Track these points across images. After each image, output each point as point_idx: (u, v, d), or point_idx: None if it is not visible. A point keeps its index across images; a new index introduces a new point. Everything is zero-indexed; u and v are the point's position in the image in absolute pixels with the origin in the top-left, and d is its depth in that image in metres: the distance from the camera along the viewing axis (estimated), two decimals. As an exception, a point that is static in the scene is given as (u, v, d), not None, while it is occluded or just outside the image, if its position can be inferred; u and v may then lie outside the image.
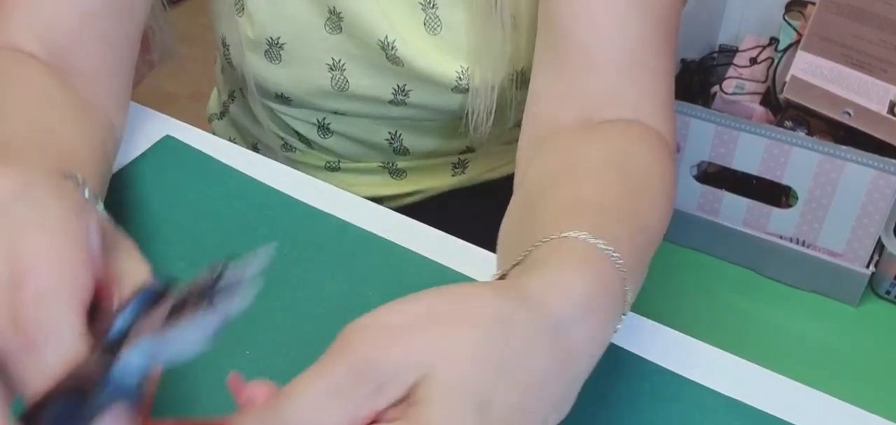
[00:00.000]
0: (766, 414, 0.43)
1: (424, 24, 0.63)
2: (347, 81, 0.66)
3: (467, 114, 0.65)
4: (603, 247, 0.36)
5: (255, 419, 0.26)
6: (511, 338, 0.29)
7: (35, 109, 0.47)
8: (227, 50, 0.68)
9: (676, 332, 0.48)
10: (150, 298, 0.29)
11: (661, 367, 0.45)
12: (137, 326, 0.28)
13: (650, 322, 0.48)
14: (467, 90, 0.63)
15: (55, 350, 0.28)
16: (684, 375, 0.45)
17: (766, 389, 0.44)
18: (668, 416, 0.43)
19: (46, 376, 0.27)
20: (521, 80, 0.64)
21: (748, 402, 0.44)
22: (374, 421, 0.27)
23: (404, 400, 0.27)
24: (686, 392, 0.44)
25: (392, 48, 0.63)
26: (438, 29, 0.63)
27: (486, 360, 0.28)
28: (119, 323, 0.29)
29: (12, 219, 0.30)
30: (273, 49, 0.65)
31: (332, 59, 0.65)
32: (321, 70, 0.66)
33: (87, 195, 0.38)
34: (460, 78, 0.63)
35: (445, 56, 0.63)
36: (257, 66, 0.67)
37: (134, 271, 0.33)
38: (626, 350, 0.46)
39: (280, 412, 0.26)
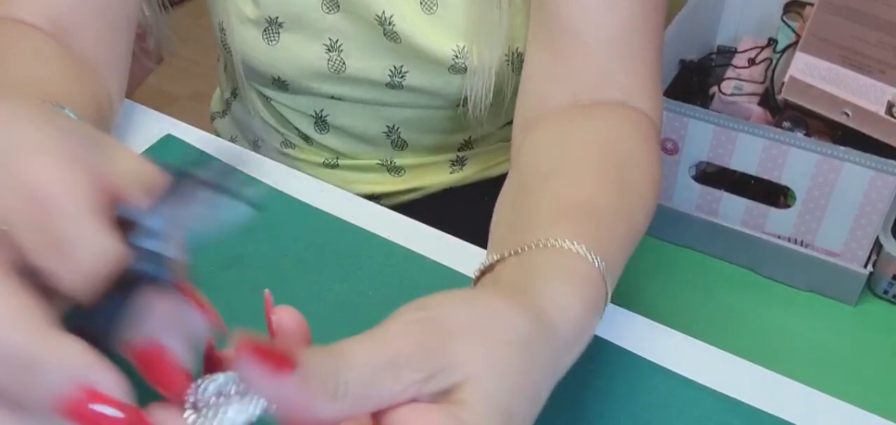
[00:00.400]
0: (764, 412, 0.43)
1: (421, 3, 0.63)
2: (344, 63, 0.66)
3: (465, 98, 0.65)
4: (599, 265, 0.38)
5: (314, 369, 0.27)
6: (533, 359, 0.32)
7: (31, 65, 0.49)
8: (224, 35, 0.68)
9: (674, 332, 0.48)
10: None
11: (659, 367, 0.46)
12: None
13: (648, 321, 0.48)
14: (464, 70, 0.64)
15: (87, 249, 0.28)
16: (682, 374, 0.45)
17: (764, 388, 0.44)
18: (666, 415, 0.43)
19: (84, 276, 0.28)
20: (517, 61, 0.64)
21: (746, 401, 0.44)
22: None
23: (441, 391, 0.30)
24: (684, 391, 0.44)
25: (389, 23, 0.63)
26: (434, 8, 0.63)
27: (516, 378, 0.31)
28: (148, 220, 0.30)
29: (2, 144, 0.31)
30: (272, 28, 0.65)
31: (330, 39, 0.65)
32: (318, 51, 0.66)
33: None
34: (457, 56, 0.63)
35: (442, 35, 0.63)
36: (255, 49, 0.67)
37: (123, 161, 0.33)
38: (625, 349, 0.47)
39: (334, 369, 0.28)
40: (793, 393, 0.44)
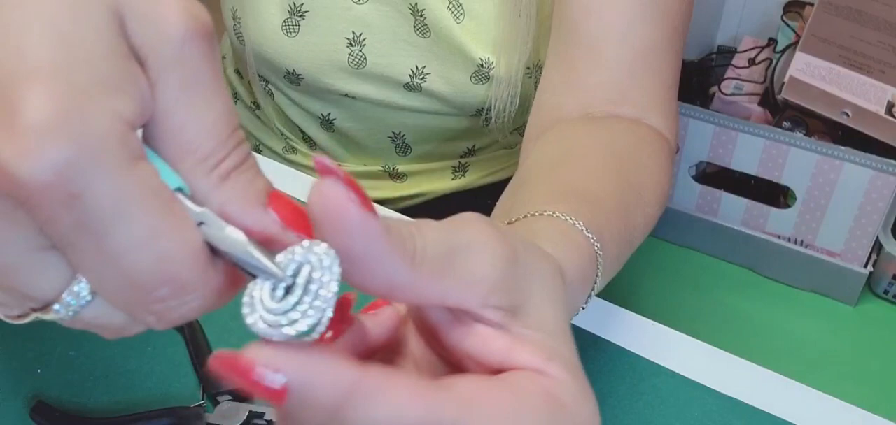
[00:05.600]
0: (764, 413, 0.43)
1: (448, 7, 0.63)
2: (365, 58, 0.65)
3: (483, 109, 0.65)
4: (592, 240, 0.37)
5: (391, 223, 0.25)
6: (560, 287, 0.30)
7: None
8: (238, 23, 0.67)
9: (674, 332, 0.48)
10: None
11: (659, 366, 0.46)
12: None
13: (649, 321, 0.49)
14: (486, 80, 0.64)
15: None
16: (682, 374, 0.45)
17: (764, 388, 0.45)
18: (666, 415, 0.43)
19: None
20: (538, 72, 0.64)
21: (747, 401, 0.44)
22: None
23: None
24: (684, 391, 0.44)
25: (421, 15, 0.63)
26: (461, 17, 0.63)
27: (563, 314, 0.29)
28: None
29: None
30: (293, 18, 0.65)
31: (353, 32, 0.65)
32: (340, 43, 0.65)
33: None
34: (481, 65, 0.63)
35: (468, 44, 0.63)
36: (272, 40, 0.66)
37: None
38: (625, 349, 0.47)
39: (411, 229, 0.26)
40: (793, 393, 0.44)
